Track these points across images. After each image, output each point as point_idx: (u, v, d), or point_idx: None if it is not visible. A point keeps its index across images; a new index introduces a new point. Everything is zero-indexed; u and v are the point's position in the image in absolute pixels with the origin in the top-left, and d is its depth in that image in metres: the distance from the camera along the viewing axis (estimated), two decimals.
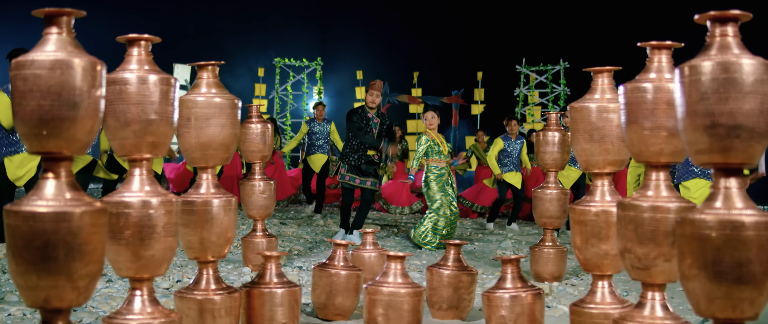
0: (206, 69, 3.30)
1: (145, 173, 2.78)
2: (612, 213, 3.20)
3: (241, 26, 21.33)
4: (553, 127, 5.75)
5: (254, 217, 5.90)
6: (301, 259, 6.50)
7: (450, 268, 4.14)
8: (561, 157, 5.72)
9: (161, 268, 2.79)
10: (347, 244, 4.25)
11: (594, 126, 3.23)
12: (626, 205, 2.76)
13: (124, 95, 2.71)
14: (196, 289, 3.28)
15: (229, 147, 3.29)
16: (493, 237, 9.07)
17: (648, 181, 2.79)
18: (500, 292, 3.47)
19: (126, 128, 2.72)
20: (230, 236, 3.31)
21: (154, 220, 2.72)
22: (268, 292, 3.43)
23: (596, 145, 3.23)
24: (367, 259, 5.04)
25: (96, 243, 2.18)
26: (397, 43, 21.52)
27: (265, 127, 5.80)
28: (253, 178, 5.88)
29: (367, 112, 7.73)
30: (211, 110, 3.23)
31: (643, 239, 2.71)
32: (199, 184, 3.31)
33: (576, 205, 3.28)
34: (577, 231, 3.27)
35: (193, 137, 3.23)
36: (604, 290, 3.27)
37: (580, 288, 5.42)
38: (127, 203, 2.70)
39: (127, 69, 2.75)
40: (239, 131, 3.33)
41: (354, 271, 4.18)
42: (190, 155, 3.27)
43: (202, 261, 3.30)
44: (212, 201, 3.25)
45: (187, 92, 3.31)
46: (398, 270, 3.48)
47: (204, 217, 3.23)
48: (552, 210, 5.70)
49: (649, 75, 2.79)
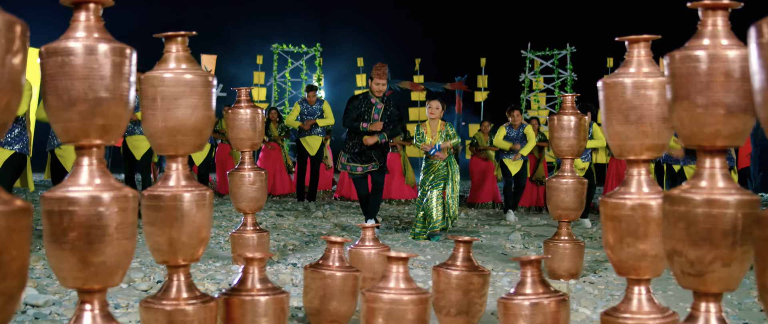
0: (174, 41, 2.82)
1: (94, 163, 2.31)
2: (650, 207, 2.73)
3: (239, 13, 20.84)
4: (568, 110, 5.27)
5: (244, 211, 5.43)
6: (296, 255, 6.04)
7: (459, 268, 3.66)
8: (577, 143, 5.24)
9: (115, 278, 2.32)
10: (343, 241, 3.78)
11: (629, 105, 2.75)
12: (675, 199, 2.28)
13: (68, 69, 2.24)
14: (165, 297, 2.81)
15: (203, 132, 2.81)
16: (500, 229, 8.60)
17: (701, 170, 2.31)
18: (519, 298, 3.00)
19: (70, 109, 2.25)
20: (204, 236, 2.84)
21: (105, 219, 2.25)
22: (249, 301, 2.96)
23: (632, 127, 2.75)
24: (367, 256, 4.56)
25: (15, 252, 1.70)
26: (399, 28, 21.02)
27: (255, 113, 5.33)
28: (243, 168, 5.42)
29: (370, 98, 7.32)
30: (180, 89, 2.75)
31: (697, 240, 2.23)
32: (167, 176, 2.83)
33: (609, 197, 2.80)
34: (609, 228, 2.79)
35: (159, 121, 2.75)
36: (642, 297, 2.80)
37: (600, 286, 4.96)
38: (72, 199, 2.23)
39: (71, 37, 2.28)
40: (213, 114, 2.85)
41: (351, 272, 3.71)
42: (156, 142, 2.80)
43: (172, 265, 2.83)
44: (183, 195, 2.77)
45: (153, 68, 2.83)
46: (401, 273, 3.00)
47: (173, 214, 2.76)
48: (568, 201, 5.23)
49: (702, 41, 2.30)
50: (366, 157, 7.34)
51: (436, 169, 7.26)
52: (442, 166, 7.28)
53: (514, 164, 9.84)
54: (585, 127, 5.27)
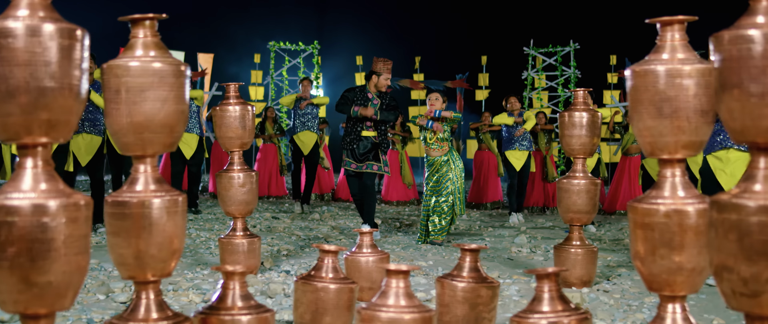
0: (142, 25, 2.47)
1: (39, 165, 1.96)
2: (687, 213, 2.38)
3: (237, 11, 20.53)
4: (580, 106, 4.92)
5: (233, 214, 5.08)
6: (290, 262, 5.68)
7: (465, 279, 3.31)
8: (590, 141, 4.89)
9: (65, 300, 1.97)
10: (337, 249, 3.44)
11: (663, 96, 2.39)
12: (725, 205, 1.93)
13: (6, 53, 1.89)
14: (132, 318, 2.46)
15: (174, 128, 2.46)
16: (505, 231, 8.25)
17: (754, 171, 1.96)
18: (535, 317, 2.64)
19: (9, 101, 1.90)
20: (177, 247, 2.49)
21: (51, 231, 1.90)
22: (229, 320, 2.61)
23: (666, 121, 2.39)
24: (364, 264, 4.21)
25: None
26: (399, 26, 20.68)
27: (245, 110, 4.98)
28: (232, 168, 5.07)
29: (367, 93, 6.98)
30: (148, 79, 2.40)
31: (752, 254, 1.88)
32: (134, 179, 2.48)
33: (639, 202, 2.45)
34: (640, 237, 2.44)
35: (124, 116, 2.40)
36: (677, 316, 2.45)
37: (616, 295, 4.60)
38: (11, 208, 1.89)
39: (11, 16, 1.93)
40: (187, 108, 2.50)
41: (346, 285, 3.36)
42: (121, 140, 2.45)
43: (140, 281, 2.48)
44: (152, 201, 2.42)
45: (118, 56, 2.48)
46: (401, 289, 2.65)
47: (140, 223, 2.41)
48: (580, 203, 4.87)
49: (755, 19, 1.95)
50: (362, 157, 7.00)
51: (437, 167, 6.93)
52: (444, 161, 6.96)
53: (518, 159, 9.46)
54: (598, 123, 4.92)
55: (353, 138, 7.00)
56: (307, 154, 10.27)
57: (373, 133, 7.01)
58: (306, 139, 10.29)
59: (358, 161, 6.99)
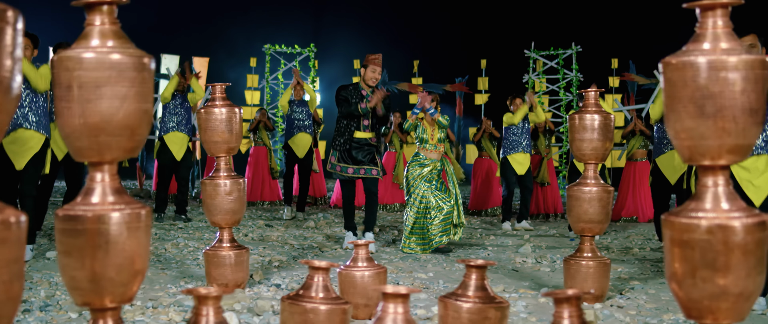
0: (99, 11, 2.13)
1: None
2: (733, 229, 2.03)
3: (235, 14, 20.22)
4: (591, 108, 4.59)
5: (219, 224, 4.73)
6: (281, 274, 5.33)
7: (471, 299, 2.97)
8: (602, 145, 4.56)
9: None
10: (328, 266, 3.09)
11: (705, 92, 2.05)
12: None
13: None
14: None
15: (136, 131, 2.11)
16: (508, 240, 7.90)
17: None
18: None
19: None
20: (140, 268, 2.14)
21: None
22: None
23: (709, 121, 2.05)
24: (359, 280, 3.87)
25: None
26: (396, 29, 20.36)
27: (232, 113, 4.65)
28: (218, 175, 4.73)
29: (361, 89, 6.66)
30: (104, 73, 2.06)
31: None
32: (89, 189, 2.14)
33: (675, 215, 2.11)
34: (677, 257, 2.10)
35: (76, 116, 2.06)
36: None
37: (631, 312, 4.26)
38: None
39: None
40: (151, 107, 2.16)
41: (338, 305, 3.02)
42: (74, 144, 2.11)
43: (97, 308, 2.13)
44: (109, 215, 2.08)
45: (71, 46, 2.14)
46: (399, 315, 2.30)
47: (96, 241, 2.06)
48: (592, 212, 4.53)
49: None
50: (358, 159, 6.65)
51: (430, 174, 6.68)
52: (439, 170, 6.76)
53: (521, 164, 9.13)
54: (611, 126, 4.59)
55: (346, 139, 6.66)
56: (301, 157, 9.94)
57: (369, 134, 6.67)
58: (300, 142, 9.96)
59: (355, 164, 6.65)
